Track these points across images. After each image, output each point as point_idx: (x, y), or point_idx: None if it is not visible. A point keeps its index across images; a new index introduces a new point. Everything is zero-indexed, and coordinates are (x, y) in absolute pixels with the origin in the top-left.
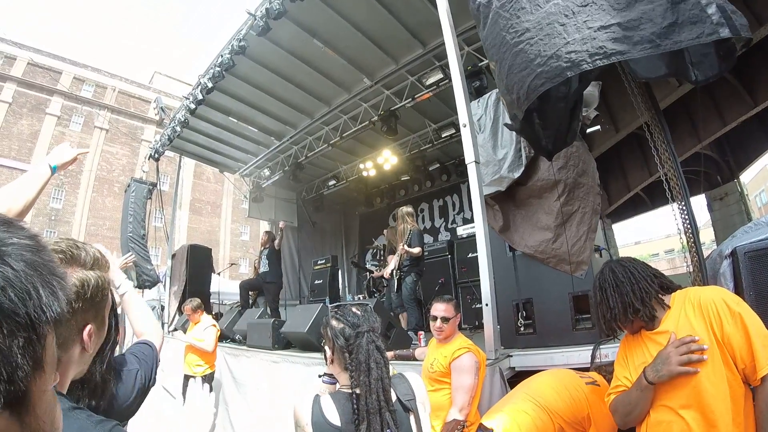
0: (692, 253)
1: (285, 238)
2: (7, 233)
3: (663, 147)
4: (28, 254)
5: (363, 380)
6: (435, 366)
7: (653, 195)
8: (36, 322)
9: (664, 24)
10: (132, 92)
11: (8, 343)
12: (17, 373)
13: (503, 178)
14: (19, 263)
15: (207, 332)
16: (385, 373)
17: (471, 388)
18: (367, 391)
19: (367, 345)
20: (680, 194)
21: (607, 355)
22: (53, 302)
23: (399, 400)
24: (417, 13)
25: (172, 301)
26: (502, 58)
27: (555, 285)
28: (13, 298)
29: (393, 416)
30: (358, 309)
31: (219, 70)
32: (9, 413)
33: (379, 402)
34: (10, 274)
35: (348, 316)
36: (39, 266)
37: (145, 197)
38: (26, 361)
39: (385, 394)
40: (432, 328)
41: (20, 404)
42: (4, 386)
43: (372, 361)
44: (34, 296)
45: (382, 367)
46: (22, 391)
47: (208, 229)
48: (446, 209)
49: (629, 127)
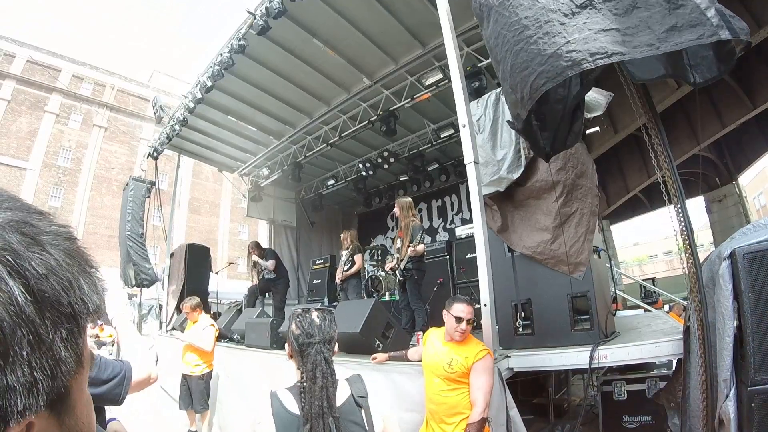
0: (687, 255)
1: (284, 237)
2: (45, 221)
3: (660, 149)
4: (66, 243)
5: (308, 386)
6: (455, 366)
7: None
8: (78, 313)
9: (663, 30)
10: (131, 90)
11: (51, 336)
12: (60, 368)
13: (502, 178)
14: (59, 252)
15: (206, 332)
16: (330, 382)
17: (491, 389)
18: (311, 397)
19: (315, 355)
20: (676, 197)
21: (605, 356)
22: (93, 293)
23: (352, 396)
24: (417, 14)
25: (170, 299)
26: (505, 57)
27: (553, 286)
28: (56, 286)
29: (336, 422)
30: (318, 316)
31: (218, 69)
32: (50, 412)
33: (321, 408)
34: (52, 262)
35: (305, 324)
36: (77, 255)
37: (143, 196)
38: (69, 354)
39: (329, 401)
40: (452, 330)
41: (61, 403)
42: (48, 382)
43: (318, 371)
44: (75, 286)
45: (328, 377)
46: (65, 387)
47: (206, 228)
48: (445, 209)
49: (628, 129)
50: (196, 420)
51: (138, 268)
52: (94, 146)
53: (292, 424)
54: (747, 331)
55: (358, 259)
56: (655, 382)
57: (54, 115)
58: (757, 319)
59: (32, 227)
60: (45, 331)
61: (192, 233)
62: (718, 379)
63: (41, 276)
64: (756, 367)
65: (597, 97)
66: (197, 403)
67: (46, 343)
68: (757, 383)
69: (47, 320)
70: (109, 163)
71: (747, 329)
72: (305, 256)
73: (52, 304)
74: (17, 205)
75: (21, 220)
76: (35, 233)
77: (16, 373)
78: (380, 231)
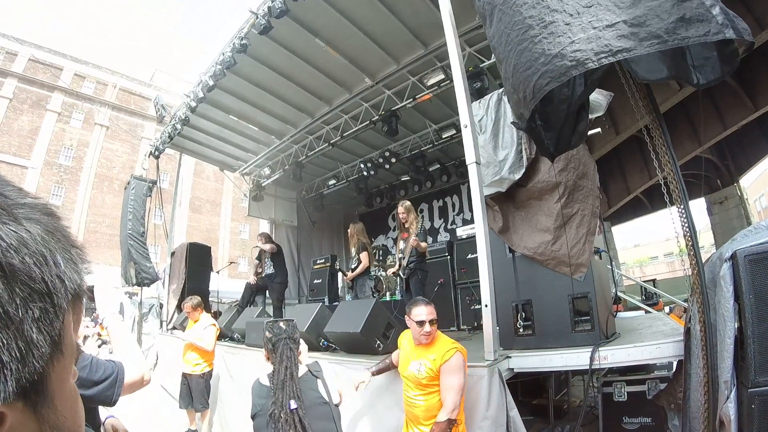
0: (690, 256)
1: (285, 236)
2: (20, 195)
3: (663, 150)
4: (45, 217)
5: (277, 367)
6: (424, 371)
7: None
8: (53, 291)
9: (672, 19)
10: (133, 89)
11: (21, 314)
12: (32, 352)
13: (504, 179)
14: (34, 225)
15: (206, 331)
16: (293, 363)
17: (461, 388)
18: (278, 369)
19: (283, 347)
20: (679, 198)
21: (606, 357)
22: (72, 272)
23: (309, 371)
24: (419, 14)
25: (171, 298)
26: (508, 56)
27: (554, 287)
28: (27, 260)
29: (298, 387)
30: (284, 323)
31: (220, 68)
32: (24, 403)
33: (285, 376)
34: (23, 234)
35: (275, 329)
36: (56, 232)
37: (144, 195)
38: (43, 336)
39: (291, 374)
40: (418, 335)
41: (37, 392)
42: (17, 366)
43: (284, 356)
44: (51, 262)
45: (291, 359)
46: (38, 374)
47: (207, 228)
48: (446, 210)
49: (630, 130)
50: (196, 419)
51: (139, 267)
52: (96, 145)
53: (264, 392)
54: (748, 333)
55: (363, 258)
56: (656, 383)
57: (56, 113)
58: (757, 320)
59: (4, 197)
60: (14, 309)
61: (193, 232)
62: (718, 381)
63: (11, 247)
64: (756, 369)
65: (598, 98)
66: (197, 402)
67: (15, 321)
68: (757, 385)
69: (16, 297)
70: (111, 161)
71: (748, 331)
72: (306, 256)
73: (22, 279)
74: None
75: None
76: (7, 204)
77: None
78: (381, 231)
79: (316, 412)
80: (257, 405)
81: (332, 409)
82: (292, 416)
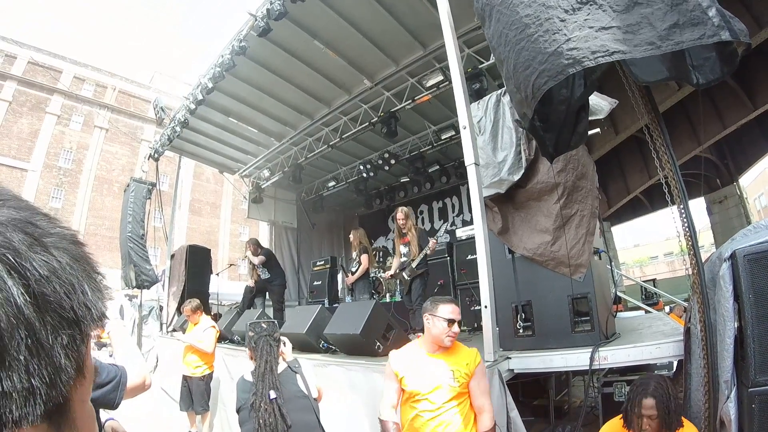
0: (691, 256)
1: (284, 238)
2: (50, 223)
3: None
4: (72, 246)
5: (258, 363)
6: (459, 378)
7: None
8: (81, 319)
9: (664, 26)
10: (132, 92)
11: (51, 341)
12: (60, 376)
13: (503, 180)
14: (63, 254)
15: (206, 333)
16: (273, 358)
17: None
18: (259, 363)
19: (264, 344)
20: (679, 197)
21: (606, 357)
22: (98, 299)
23: (289, 367)
24: (417, 15)
25: (170, 301)
26: (507, 56)
27: (554, 287)
28: (58, 289)
29: (277, 379)
30: (265, 323)
31: (219, 71)
32: (48, 424)
33: (265, 369)
34: (54, 264)
35: (257, 329)
36: (82, 260)
37: (144, 197)
38: (70, 362)
39: (271, 368)
40: (443, 335)
41: (60, 414)
42: (45, 390)
43: (265, 352)
44: (79, 291)
45: (271, 355)
46: (63, 397)
47: (207, 230)
48: (445, 211)
49: (629, 130)
50: (197, 421)
51: (139, 270)
52: (95, 147)
53: (248, 387)
54: (747, 333)
55: (364, 260)
56: None
57: (55, 116)
58: (757, 320)
59: (36, 227)
60: (45, 336)
61: (193, 235)
62: (719, 381)
63: (43, 277)
64: (756, 369)
65: (600, 102)
66: (198, 405)
67: (46, 348)
68: (757, 384)
69: (48, 324)
70: (110, 164)
71: (747, 330)
72: (306, 258)
73: (53, 307)
74: (21, 204)
75: (24, 219)
76: (39, 234)
77: (12, 379)
78: (381, 233)
79: (295, 404)
80: (241, 399)
81: (312, 402)
82: (271, 405)
